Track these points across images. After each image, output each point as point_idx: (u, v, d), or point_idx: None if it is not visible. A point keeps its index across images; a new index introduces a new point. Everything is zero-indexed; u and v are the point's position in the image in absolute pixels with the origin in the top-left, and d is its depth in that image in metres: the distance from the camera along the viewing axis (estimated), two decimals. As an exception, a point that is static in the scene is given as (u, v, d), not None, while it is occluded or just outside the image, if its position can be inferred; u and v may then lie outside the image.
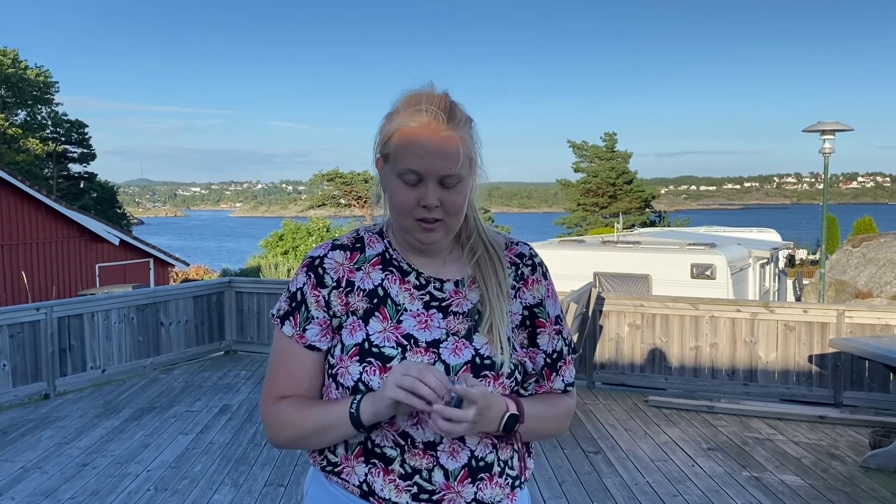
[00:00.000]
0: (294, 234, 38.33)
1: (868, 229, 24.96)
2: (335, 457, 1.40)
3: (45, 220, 19.05)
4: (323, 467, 1.42)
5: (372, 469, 1.36)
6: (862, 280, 16.48)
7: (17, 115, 41.15)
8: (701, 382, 6.52)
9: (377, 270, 1.41)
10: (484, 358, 1.35)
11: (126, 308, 7.26)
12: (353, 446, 1.38)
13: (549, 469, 4.67)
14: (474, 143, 1.37)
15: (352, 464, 1.38)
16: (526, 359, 1.44)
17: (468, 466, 1.35)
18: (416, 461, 1.34)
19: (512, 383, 1.38)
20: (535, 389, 1.46)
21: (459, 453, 1.34)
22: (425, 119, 1.30)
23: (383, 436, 1.35)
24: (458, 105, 1.35)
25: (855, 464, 4.75)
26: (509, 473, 1.41)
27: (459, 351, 1.35)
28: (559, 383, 1.47)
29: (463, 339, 1.36)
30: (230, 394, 6.53)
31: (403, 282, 1.40)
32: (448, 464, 1.34)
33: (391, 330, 1.36)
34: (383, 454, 1.35)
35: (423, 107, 1.30)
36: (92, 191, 42.82)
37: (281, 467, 4.68)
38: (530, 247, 1.51)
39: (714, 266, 10.34)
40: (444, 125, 1.30)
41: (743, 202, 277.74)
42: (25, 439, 5.31)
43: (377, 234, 1.46)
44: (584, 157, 44.27)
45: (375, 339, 1.35)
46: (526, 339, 1.45)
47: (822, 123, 12.43)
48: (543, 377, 1.46)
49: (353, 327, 1.37)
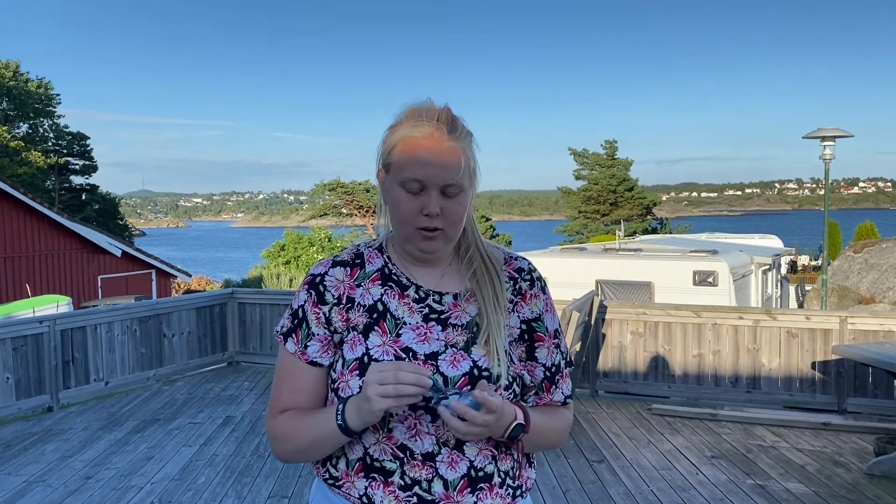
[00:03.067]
0: (296, 245, 38.34)
1: (870, 235, 24.96)
2: (336, 471, 1.42)
3: (48, 233, 19.09)
4: (325, 479, 1.44)
5: (372, 482, 1.37)
6: (864, 285, 16.47)
7: (19, 128, 41.31)
8: (704, 390, 6.51)
9: (376, 286, 1.43)
10: (482, 369, 1.36)
11: (129, 320, 7.27)
12: (353, 462, 1.39)
13: (553, 478, 4.66)
14: (474, 157, 1.41)
15: (352, 479, 1.39)
16: (524, 372, 1.45)
17: (467, 476, 1.36)
18: (415, 472, 1.35)
19: (510, 395, 1.40)
20: (535, 402, 1.48)
21: (458, 463, 1.36)
22: (428, 130, 1.33)
23: (381, 450, 1.36)
24: (458, 118, 1.39)
25: (859, 471, 4.74)
26: (510, 484, 1.42)
27: (458, 363, 1.36)
28: (559, 395, 1.49)
29: (461, 351, 1.38)
30: (233, 405, 6.53)
31: (403, 296, 1.42)
32: (447, 474, 1.35)
33: (390, 343, 1.38)
34: (382, 467, 1.36)
35: (425, 119, 1.35)
36: (94, 202, 42.90)
37: (284, 479, 4.67)
38: (529, 262, 1.53)
39: (716, 273, 10.33)
40: (447, 136, 1.34)
41: (744, 208, 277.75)
42: (29, 452, 5.31)
43: (377, 250, 1.48)
44: (584, 165, 44.37)
45: (375, 352, 1.37)
46: (524, 353, 1.46)
47: (822, 130, 12.46)
48: (543, 389, 1.48)
49: (353, 342, 1.39)
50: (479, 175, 1.44)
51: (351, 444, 1.39)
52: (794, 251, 24.15)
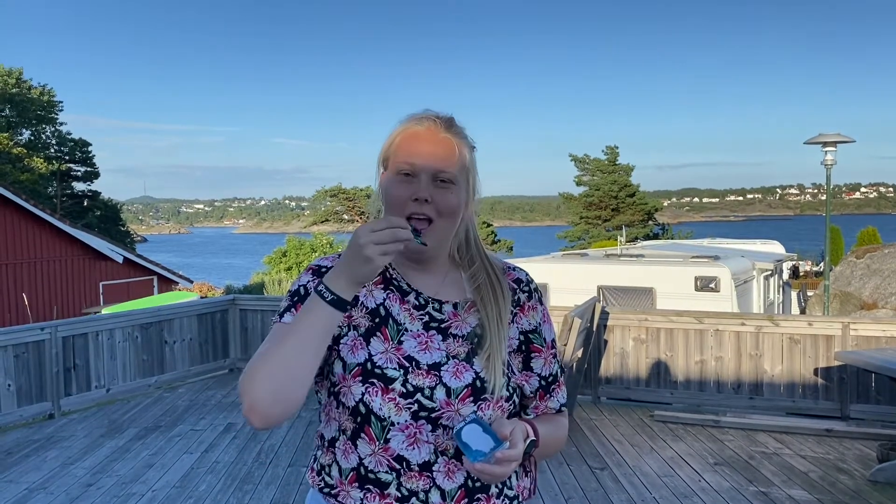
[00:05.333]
0: (297, 251, 38.35)
1: (872, 240, 24.91)
2: (331, 479, 1.41)
3: (49, 239, 19.12)
4: (321, 489, 1.43)
5: (367, 494, 1.36)
6: (867, 291, 16.44)
7: (22, 135, 41.42)
8: (706, 397, 6.49)
9: (379, 289, 1.43)
10: (484, 381, 1.37)
11: (130, 327, 7.27)
12: (347, 472, 1.38)
13: (555, 486, 4.65)
14: (474, 166, 1.44)
15: (346, 489, 1.38)
16: (523, 382, 1.47)
17: (464, 487, 1.36)
18: (412, 483, 1.35)
19: (511, 406, 1.41)
20: (533, 411, 1.50)
21: (455, 474, 1.36)
22: (426, 124, 1.40)
23: (377, 461, 1.35)
24: (460, 126, 1.43)
25: (863, 478, 4.72)
26: (507, 494, 1.42)
27: (460, 374, 1.36)
28: (555, 403, 1.51)
29: (463, 363, 1.37)
30: (234, 412, 6.52)
31: (403, 302, 1.42)
32: (445, 484, 1.35)
33: (392, 351, 1.37)
34: (378, 479, 1.35)
35: (425, 117, 1.41)
36: (95, 209, 43.00)
37: (286, 486, 4.66)
38: (527, 273, 1.54)
39: (718, 278, 10.34)
40: (443, 129, 1.39)
41: (746, 214, 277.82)
42: (30, 460, 5.30)
43: None
44: (586, 171, 44.40)
45: (378, 359, 1.36)
46: (521, 363, 1.47)
47: (823, 135, 12.45)
48: (538, 399, 1.49)
49: (354, 345, 1.38)
50: (478, 186, 1.45)
51: (345, 452, 1.38)
52: (795, 256, 24.12)
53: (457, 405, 1.33)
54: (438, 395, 1.33)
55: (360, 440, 1.36)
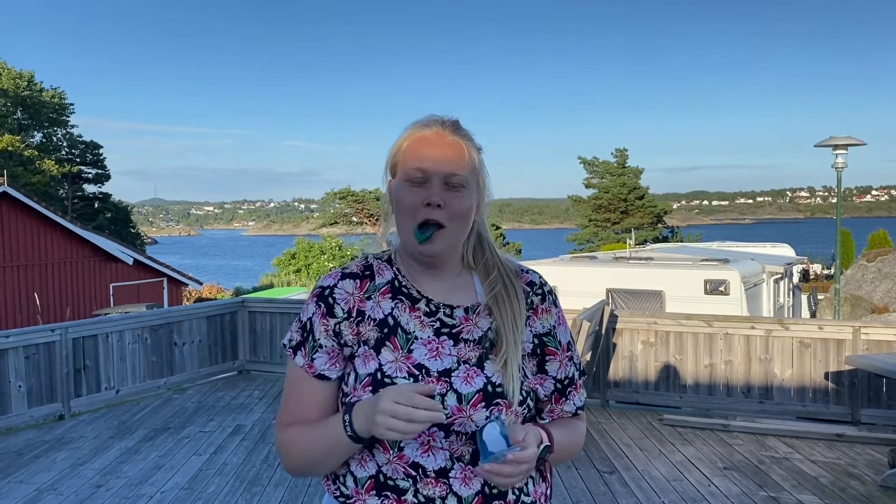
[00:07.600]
0: (307, 253, 38.40)
1: (883, 243, 24.75)
2: (346, 489, 1.40)
3: (60, 241, 19.24)
4: (336, 497, 1.43)
5: (384, 501, 1.36)
6: (878, 295, 16.34)
7: (34, 137, 41.72)
8: (716, 400, 6.46)
9: (387, 299, 1.42)
10: (496, 386, 1.36)
11: (140, 328, 7.30)
12: (363, 480, 1.38)
13: (563, 490, 4.64)
14: (483, 168, 1.44)
15: (363, 497, 1.38)
16: (537, 385, 1.45)
17: (481, 493, 1.35)
18: (429, 490, 1.34)
19: (524, 410, 1.40)
20: (549, 415, 1.49)
21: (472, 480, 1.35)
22: (433, 129, 1.40)
23: (394, 468, 1.35)
24: (466, 129, 1.43)
25: (874, 483, 4.69)
26: (524, 500, 1.41)
27: (471, 379, 1.35)
28: (571, 406, 1.50)
29: (474, 367, 1.37)
30: (243, 414, 6.54)
31: (413, 309, 1.41)
32: (461, 490, 1.34)
33: (402, 360, 1.37)
34: (395, 486, 1.35)
35: (431, 122, 1.41)
36: (106, 211, 43.24)
37: (294, 488, 4.67)
38: (540, 275, 1.53)
39: (728, 282, 10.27)
40: (451, 133, 1.39)
41: (756, 216, 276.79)
42: (40, 461, 5.33)
43: (386, 262, 1.47)
44: (595, 173, 44.31)
45: (388, 369, 1.36)
46: (535, 367, 1.46)
47: (833, 138, 12.38)
48: (554, 402, 1.48)
49: (365, 357, 1.38)
50: (489, 190, 1.45)
51: (361, 462, 1.38)
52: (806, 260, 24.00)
53: (468, 411, 1.32)
54: (450, 402, 1.32)
55: (374, 449, 1.35)
